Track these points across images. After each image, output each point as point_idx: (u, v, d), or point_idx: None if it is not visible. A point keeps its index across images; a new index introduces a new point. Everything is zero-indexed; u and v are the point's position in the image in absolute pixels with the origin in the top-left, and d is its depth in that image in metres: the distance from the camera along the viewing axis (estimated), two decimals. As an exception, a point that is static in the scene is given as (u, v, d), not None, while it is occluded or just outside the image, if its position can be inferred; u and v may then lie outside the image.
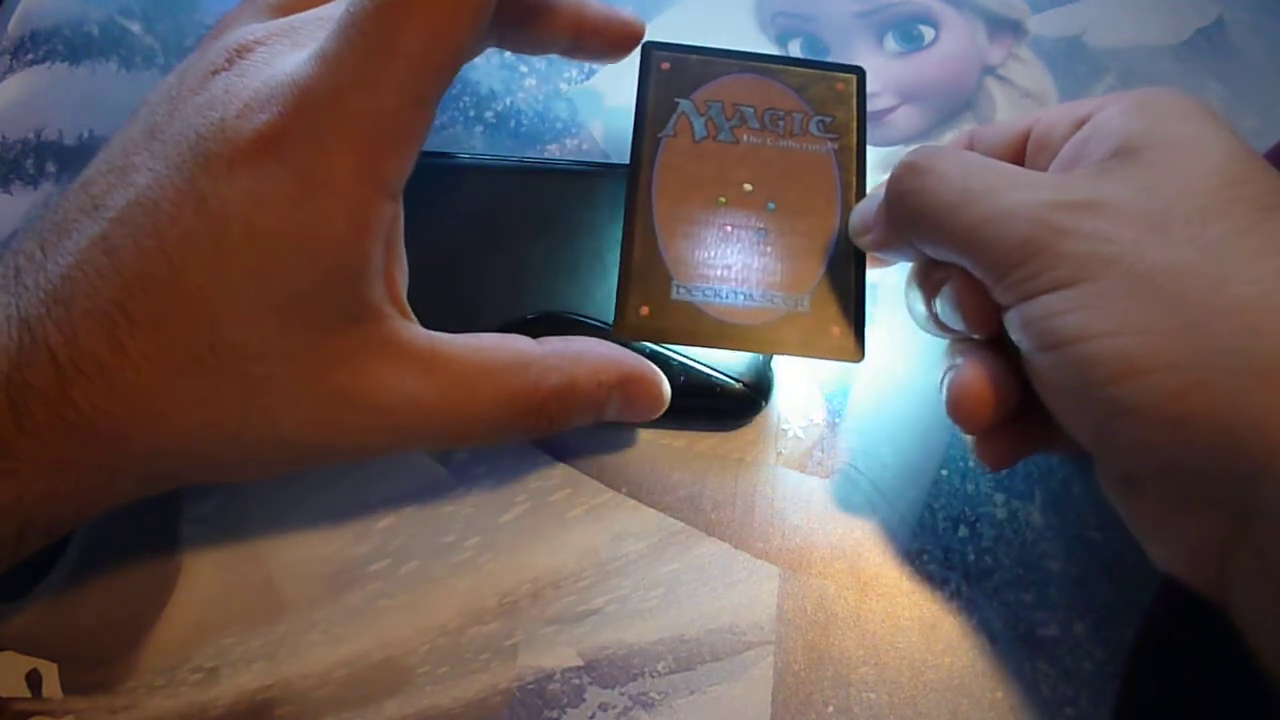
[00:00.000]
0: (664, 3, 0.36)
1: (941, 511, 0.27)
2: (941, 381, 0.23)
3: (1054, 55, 0.35)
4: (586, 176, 0.30)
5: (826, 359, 0.25)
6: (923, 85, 0.34)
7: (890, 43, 0.35)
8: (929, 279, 0.23)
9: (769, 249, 0.26)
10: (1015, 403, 0.22)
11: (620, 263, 0.25)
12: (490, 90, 0.34)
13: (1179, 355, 0.17)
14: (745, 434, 0.28)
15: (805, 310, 0.25)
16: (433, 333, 0.22)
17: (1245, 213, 0.18)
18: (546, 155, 0.33)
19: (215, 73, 0.21)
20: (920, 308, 0.24)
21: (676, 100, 0.27)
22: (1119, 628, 0.25)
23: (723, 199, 0.26)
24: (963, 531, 0.27)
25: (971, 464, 0.28)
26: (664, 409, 0.25)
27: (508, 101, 0.34)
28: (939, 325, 0.24)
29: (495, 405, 0.22)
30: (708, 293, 0.25)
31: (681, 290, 0.25)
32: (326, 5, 0.23)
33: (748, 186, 0.26)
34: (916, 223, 0.22)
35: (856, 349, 0.25)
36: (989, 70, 0.34)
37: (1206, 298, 0.17)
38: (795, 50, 0.35)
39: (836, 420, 0.28)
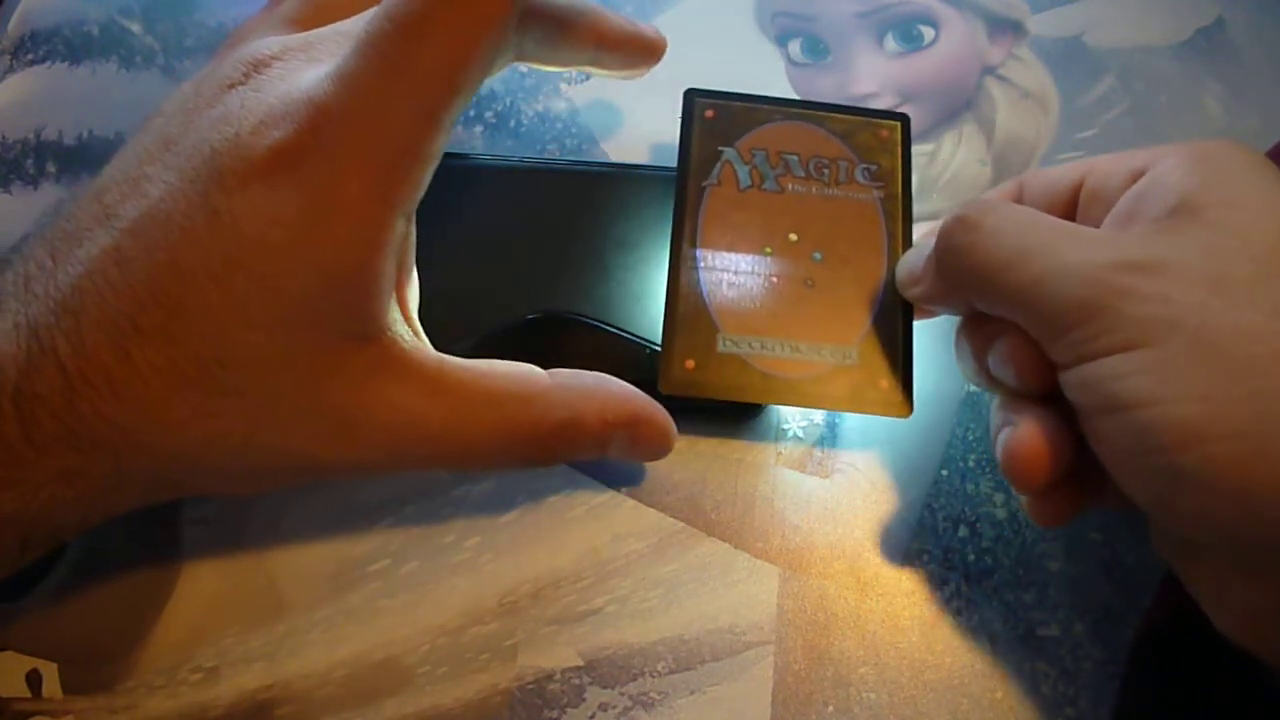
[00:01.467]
0: (665, 3, 0.36)
1: (941, 511, 0.27)
2: (995, 439, 0.22)
3: (1054, 55, 0.35)
4: (587, 177, 0.30)
5: (874, 414, 0.24)
6: (923, 85, 0.34)
7: (890, 43, 0.35)
8: (980, 333, 0.23)
9: (816, 300, 0.25)
10: (1072, 461, 0.21)
11: (665, 315, 0.25)
12: (490, 90, 0.34)
13: (1243, 423, 0.17)
14: (745, 434, 0.28)
15: (853, 363, 0.25)
16: (442, 355, 0.22)
17: None
18: (546, 155, 0.33)
19: (231, 86, 0.21)
20: (970, 362, 0.23)
21: (720, 149, 0.27)
22: (1119, 628, 0.25)
23: (768, 249, 0.26)
24: (963, 531, 0.27)
25: (972, 464, 0.28)
26: (670, 451, 0.24)
27: (508, 101, 0.34)
28: (990, 380, 0.23)
29: (498, 434, 0.22)
30: (754, 345, 0.25)
31: (728, 343, 0.25)
32: (344, 21, 0.23)
33: (793, 236, 0.26)
34: (968, 279, 0.22)
35: (905, 403, 0.24)
36: (989, 70, 0.34)
37: (1271, 364, 0.17)
38: (796, 50, 0.35)
39: (836, 420, 0.28)
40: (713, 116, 0.27)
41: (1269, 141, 0.31)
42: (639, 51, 0.27)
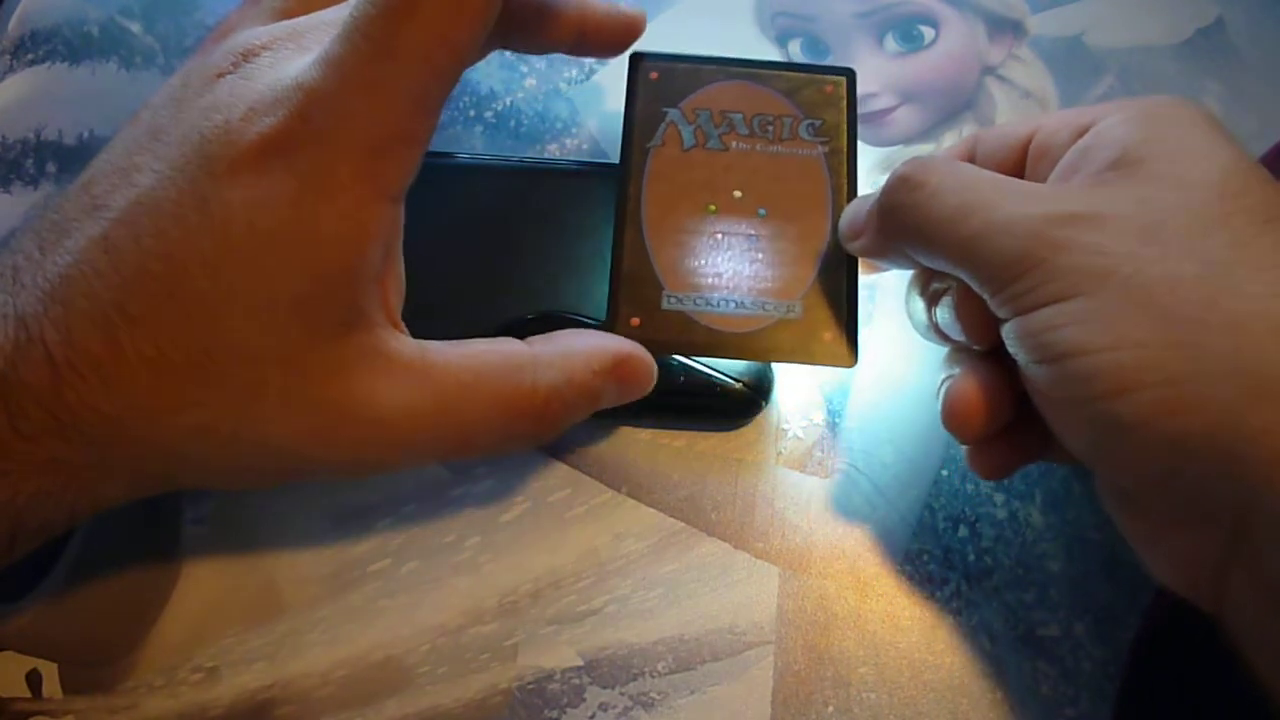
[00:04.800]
0: (665, 3, 0.36)
1: (941, 511, 0.27)
2: (939, 390, 0.23)
3: (1054, 55, 0.35)
4: (586, 176, 0.30)
5: (819, 365, 0.25)
6: (923, 85, 0.34)
7: (890, 43, 0.35)
8: (928, 288, 0.23)
9: (760, 255, 0.25)
10: (1010, 414, 0.22)
11: (610, 274, 0.25)
12: (490, 90, 0.34)
13: (1175, 371, 0.17)
14: (745, 434, 0.28)
15: (797, 316, 0.25)
16: (422, 342, 0.22)
17: (1244, 225, 0.18)
18: (546, 155, 0.33)
19: (220, 76, 0.21)
20: (921, 317, 0.24)
21: (664, 110, 0.27)
22: (1119, 628, 0.25)
23: (712, 207, 0.26)
24: (963, 531, 0.27)
25: (971, 464, 0.28)
26: (654, 383, 0.24)
27: (508, 101, 0.34)
28: (939, 334, 0.24)
29: (494, 411, 0.21)
30: (699, 301, 0.25)
31: (673, 299, 0.25)
32: (330, 9, 0.23)
33: (737, 193, 0.26)
34: (910, 236, 0.22)
35: (849, 354, 0.25)
36: (989, 70, 0.34)
37: (1202, 312, 0.17)
38: (796, 50, 0.35)
39: (836, 420, 0.28)
40: (657, 78, 0.27)
41: (1269, 141, 0.31)
42: (620, 33, 0.27)
